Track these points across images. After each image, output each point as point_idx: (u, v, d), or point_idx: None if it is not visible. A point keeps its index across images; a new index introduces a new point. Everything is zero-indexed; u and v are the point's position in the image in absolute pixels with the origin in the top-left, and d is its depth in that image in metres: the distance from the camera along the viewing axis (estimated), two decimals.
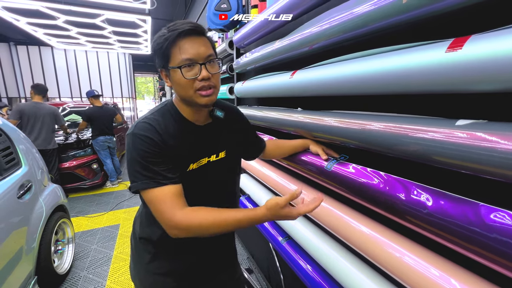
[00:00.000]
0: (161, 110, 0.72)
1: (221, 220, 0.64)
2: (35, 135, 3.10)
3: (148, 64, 10.28)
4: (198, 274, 0.82)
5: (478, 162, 0.47)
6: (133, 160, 0.66)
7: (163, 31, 0.65)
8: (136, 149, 0.65)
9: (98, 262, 2.19)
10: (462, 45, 0.48)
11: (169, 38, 0.63)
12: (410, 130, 0.60)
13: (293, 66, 1.17)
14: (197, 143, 0.73)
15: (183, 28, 0.63)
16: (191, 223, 0.63)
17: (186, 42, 0.64)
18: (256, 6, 1.65)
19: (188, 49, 0.64)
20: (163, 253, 0.78)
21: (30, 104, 3.18)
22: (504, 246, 0.43)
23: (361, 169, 0.78)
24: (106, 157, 3.88)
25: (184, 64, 0.64)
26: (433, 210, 0.55)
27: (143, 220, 0.80)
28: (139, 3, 3.47)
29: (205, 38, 0.67)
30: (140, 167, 0.65)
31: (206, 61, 0.66)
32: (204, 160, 0.74)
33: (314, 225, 1.09)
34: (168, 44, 0.63)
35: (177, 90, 0.69)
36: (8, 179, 1.49)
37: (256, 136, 0.98)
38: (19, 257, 1.40)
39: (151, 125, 0.67)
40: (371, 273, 0.79)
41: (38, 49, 6.77)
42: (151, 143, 0.65)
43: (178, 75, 0.65)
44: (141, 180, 0.65)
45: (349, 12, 0.73)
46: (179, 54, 0.64)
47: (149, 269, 0.79)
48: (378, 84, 0.67)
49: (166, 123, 0.69)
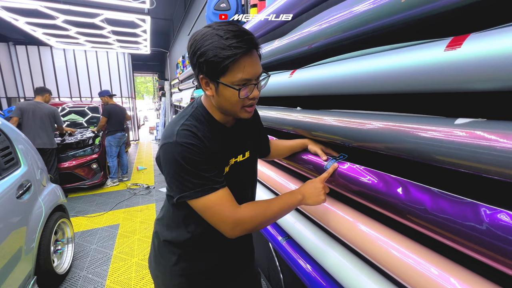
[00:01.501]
0: (194, 115, 0.70)
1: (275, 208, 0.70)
2: (35, 134, 3.11)
3: (147, 63, 10.26)
4: (221, 274, 0.84)
5: (477, 161, 0.47)
6: (181, 170, 0.63)
7: (220, 42, 0.57)
8: (184, 158, 0.63)
9: (97, 262, 2.19)
10: (460, 43, 0.48)
11: (232, 56, 0.57)
12: (409, 129, 0.60)
13: (292, 65, 1.17)
14: (227, 144, 0.74)
15: (245, 47, 0.58)
16: (254, 216, 0.67)
17: (247, 61, 0.60)
18: (255, 5, 1.65)
19: (248, 69, 0.60)
20: (188, 255, 0.79)
21: (31, 103, 3.26)
22: (504, 244, 0.43)
23: (360, 168, 0.78)
24: (114, 154, 3.98)
25: (242, 84, 0.61)
26: (432, 209, 0.55)
27: (169, 223, 0.80)
28: (138, 2, 3.46)
29: (256, 52, 0.64)
30: (190, 176, 0.63)
31: (259, 80, 0.65)
32: (232, 161, 0.75)
33: (313, 224, 1.09)
34: (229, 62, 0.58)
35: (222, 103, 0.66)
36: (7, 179, 1.48)
37: (267, 136, 1.00)
38: (18, 257, 1.40)
39: (193, 132, 0.65)
40: (371, 272, 0.79)
41: (37, 49, 6.75)
42: (198, 150, 0.64)
43: (231, 93, 0.62)
44: (194, 189, 0.64)
45: (348, 11, 0.73)
46: (239, 73, 0.60)
47: (174, 271, 0.79)
48: (377, 83, 0.67)
49: (203, 128, 0.68)
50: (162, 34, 8.00)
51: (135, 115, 8.61)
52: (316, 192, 0.76)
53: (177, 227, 0.78)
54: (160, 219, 0.84)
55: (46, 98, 3.41)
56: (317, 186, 0.77)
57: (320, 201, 0.77)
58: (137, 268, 2.11)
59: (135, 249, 2.38)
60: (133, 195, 3.68)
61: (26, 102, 3.40)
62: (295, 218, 1.16)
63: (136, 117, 8.76)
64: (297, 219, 1.15)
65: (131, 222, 2.89)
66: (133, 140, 8.44)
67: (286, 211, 0.73)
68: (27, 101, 3.59)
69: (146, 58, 9.16)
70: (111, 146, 3.93)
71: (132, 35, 5.23)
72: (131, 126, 8.21)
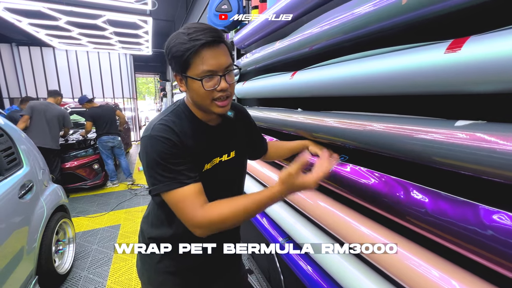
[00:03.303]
0: (175, 112, 0.72)
1: (241, 208, 0.63)
2: (44, 133, 3.14)
3: (149, 64, 10.30)
4: (207, 272, 0.83)
5: (477, 163, 0.47)
6: (152, 162, 0.65)
7: (183, 37, 0.62)
8: (155, 151, 0.64)
9: (98, 262, 2.19)
10: (461, 46, 0.48)
11: (191, 48, 0.60)
12: (409, 131, 0.60)
13: (294, 66, 1.17)
14: (210, 143, 0.74)
15: (206, 38, 0.60)
16: (212, 219, 0.63)
17: (208, 53, 0.62)
18: (256, 7, 1.66)
19: (209, 61, 0.62)
20: (172, 253, 0.79)
21: (43, 103, 3.33)
22: (504, 246, 0.44)
23: (361, 170, 0.78)
24: (107, 158, 3.88)
25: (204, 76, 0.62)
26: (432, 211, 0.55)
27: (153, 221, 0.81)
28: (140, 4, 3.48)
29: (225, 46, 0.65)
30: (161, 169, 0.64)
31: (226, 72, 0.65)
32: (216, 160, 0.75)
33: (314, 225, 1.09)
34: (189, 54, 0.61)
35: (193, 97, 0.68)
36: (9, 179, 1.49)
37: (261, 136, 0.99)
38: (20, 257, 1.41)
39: (168, 126, 0.66)
40: (371, 273, 0.79)
41: (39, 50, 6.79)
42: (171, 144, 0.64)
43: (197, 85, 0.64)
44: (163, 182, 0.64)
45: (349, 13, 0.73)
46: (200, 65, 0.62)
47: (158, 268, 0.79)
48: (377, 84, 0.67)
49: (182, 124, 0.69)
50: (163, 35, 8.02)
51: (137, 115, 8.63)
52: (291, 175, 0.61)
53: (161, 225, 0.78)
54: (145, 217, 0.85)
55: (58, 101, 3.48)
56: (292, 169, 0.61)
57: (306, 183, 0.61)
58: None
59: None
60: (134, 196, 3.69)
61: (38, 101, 3.43)
62: (296, 219, 1.16)
63: (138, 117, 8.78)
64: (298, 221, 1.15)
65: (132, 223, 2.90)
66: (134, 141, 8.46)
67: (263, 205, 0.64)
68: (40, 101, 3.61)
69: (147, 59, 9.19)
70: (101, 150, 3.83)
71: (134, 36, 5.25)
72: (132, 127, 8.23)
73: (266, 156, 1.03)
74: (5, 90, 6.54)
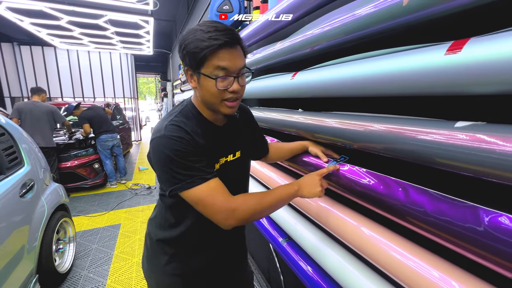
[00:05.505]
0: (183, 112, 0.72)
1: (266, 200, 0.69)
2: (33, 133, 3.11)
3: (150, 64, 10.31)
4: (215, 273, 0.83)
5: (477, 164, 0.47)
6: (169, 162, 0.64)
7: (201, 35, 0.62)
8: (171, 150, 0.63)
9: (98, 262, 2.20)
10: (461, 47, 0.48)
11: (210, 47, 0.61)
12: (409, 132, 0.60)
13: (294, 67, 1.17)
14: (218, 143, 0.74)
15: (224, 39, 0.61)
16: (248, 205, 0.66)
17: (225, 53, 0.62)
18: (258, 7, 1.66)
19: (225, 61, 0.62)
20: (180, 254, 0.79)
21: (28, 103, 3.29)
22: (504, 246, 0.44)
23: (361, 170, 0.78)
24: (106, 158, 3.87)
25: (219, 75, 0.63)
26: (432, 211, 0.55)
27: (161, 223, 0.81)
28: (142, 4, 3.49)
29: (240, 49, 0.66)
30: (180, 167, 0.64)
31: (239, 74, 0.66)
32: (223, 160, 0.76)
33: (314, 226, 1.09)
34: (207, 52, 0.61)
35: (203, 95, 0.68)
36: (10, 178, 1.50)
37: (263, 137, 1.00)
38: (20, 256, 1.41)
39: (180, 126, 0.66)
40: (372, 274, 0.79)
41: (41, 49, 6.81)
42: (185, 142, 0.64)
43: (210, 83, 0.64)
44: (184, 180, 0.64)
45: (351, 14, 0.74)
46: (216, 64, 0.62)
47: (166, 270, 0.79)
48: (378, 85, 0.67)
49: (192, 124, 0.69)
50: (165, 35, 8.04)
51: (137, 115, 8.64)
52: (313, 183, 0.75)
53: (170, 227, 0.78)
54: (152, 218, 0.85)
55: (43, 98, 3.43)
56: (314, 178, 0.76)
57: (317, 193, 0.74)
58: (138, 268, 2.12)
59: (136, 249, 2.39)
60: (135, 195, 3.70)
61: (23, 102, 3.41)
62: (296, 219, 1.16)
63: (138, 117, 8.79)
64: (298, 221, 1.15)
65: (132, 222, 2.90)
66: (135, 141, 8.47)
67: (282, 201, 0.72)
68: (24, 101, 3.59)
69: (148, 59, 9.20)
70: (100, 150, 3.82)
71: (135, 36, 5.26)
72: (133, 127, 8.24)
73: (267, 157, 1.03)
74: (7, 89, 6.56)
